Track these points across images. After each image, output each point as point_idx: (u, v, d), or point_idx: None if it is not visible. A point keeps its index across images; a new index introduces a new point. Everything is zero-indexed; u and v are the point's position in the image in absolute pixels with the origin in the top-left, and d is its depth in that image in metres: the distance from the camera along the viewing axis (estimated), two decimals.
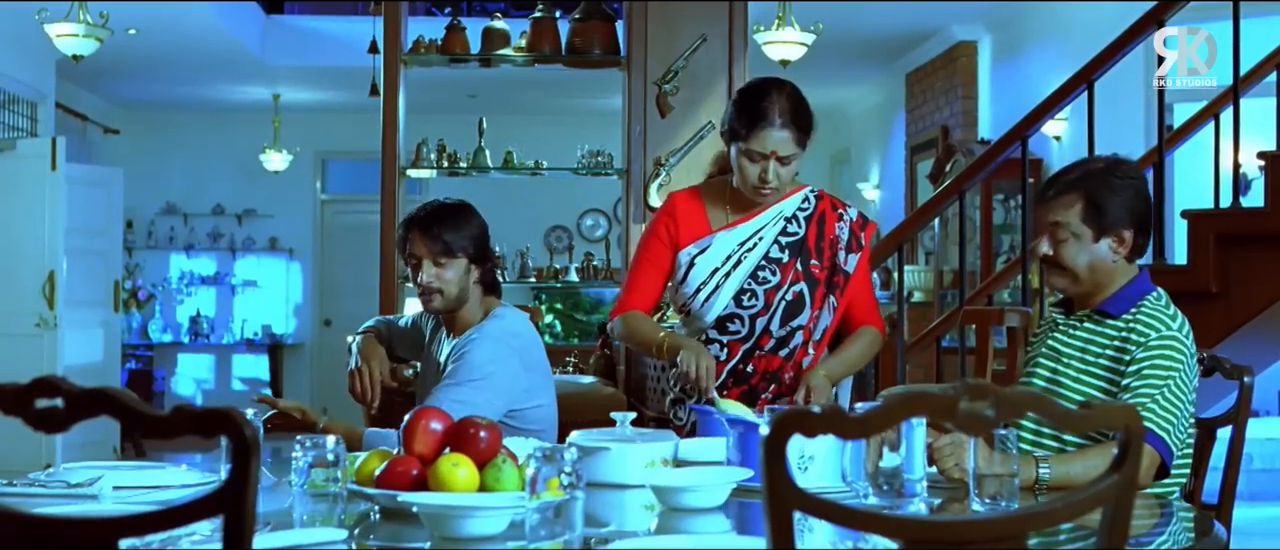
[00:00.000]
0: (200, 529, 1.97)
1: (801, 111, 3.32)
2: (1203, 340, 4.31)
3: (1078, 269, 2.87)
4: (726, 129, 3.37)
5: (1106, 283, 2.88)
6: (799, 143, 3.30)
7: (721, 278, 3.40)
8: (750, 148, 3.29)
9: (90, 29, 7.70)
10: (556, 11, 6.35)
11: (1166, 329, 2.80)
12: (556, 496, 2.06)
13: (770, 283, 3.40)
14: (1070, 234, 2.86)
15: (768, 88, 3.33)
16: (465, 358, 3.34)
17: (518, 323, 3.49)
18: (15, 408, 1.60)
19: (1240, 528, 3.38)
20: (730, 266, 3.40)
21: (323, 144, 13.32)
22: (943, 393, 1.63)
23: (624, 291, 3.56)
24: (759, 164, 3.30)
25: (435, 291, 3.42)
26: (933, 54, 10.84)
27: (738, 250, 3.41)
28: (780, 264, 3.41)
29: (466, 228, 3.44)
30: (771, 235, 3.42)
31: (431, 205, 3.51)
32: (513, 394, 3.35)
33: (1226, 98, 5.09)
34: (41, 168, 9.14)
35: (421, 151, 6.28)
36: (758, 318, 3.40)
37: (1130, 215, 2.84)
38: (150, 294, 13.17)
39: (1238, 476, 3.08)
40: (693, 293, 3.42)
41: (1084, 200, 2.85)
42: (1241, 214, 4.92)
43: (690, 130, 5.99)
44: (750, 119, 3.28)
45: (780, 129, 3.27)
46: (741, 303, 3.40)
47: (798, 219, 3.45)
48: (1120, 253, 2.87)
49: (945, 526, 1.80)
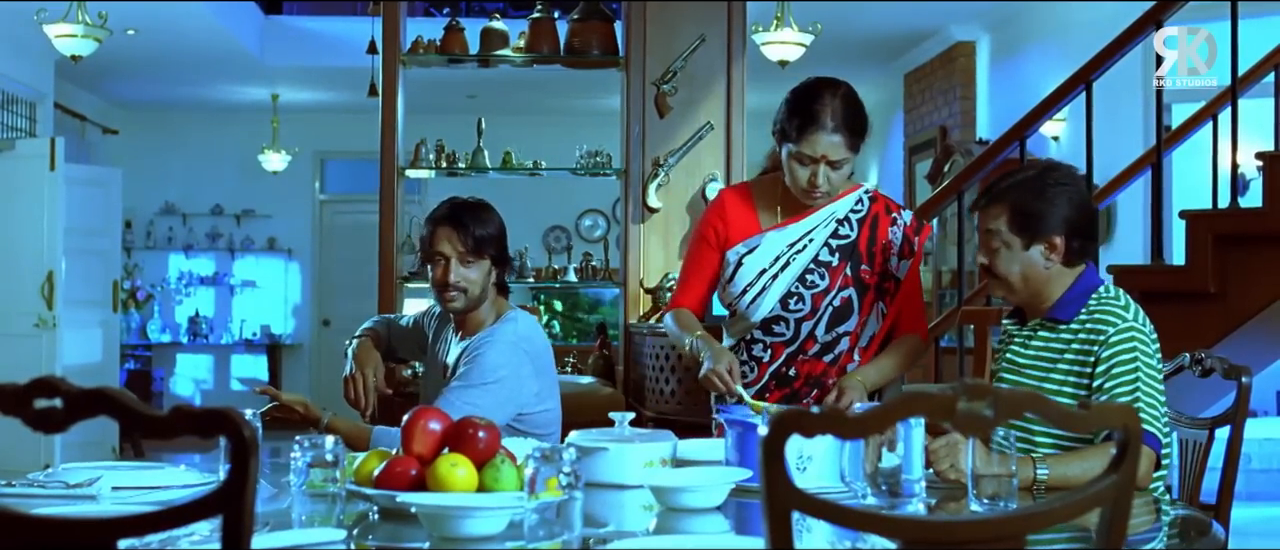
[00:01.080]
0: (199, 529, 1.97)
1: (854, 115, 3.22)
2: (1201, 340, 4.33)
3: (1011, 278, 2.87)
4: (777, 129, 3.27)
5: (1044, 290, 2.87)
6: (851, 147, 3.21)
7: (768, 279, 3.33)
8: (800, 151, 3.20)
9: (89, 29, 7.70)
10: (555, 12, 6.35)
11: (1123, 321, 2.78)
12: (555, 497, 2.06)
13: (818, 287, 3.32)
14: (1001, 243, 2.85)
15: (820, 89, 3.23)
16: (478, 360, 3.32)
17: (530, 327, 3.47)
18: (14, 408, 1.60)
19: (1238, 528, 3.38)
20: (778, 268, 3.33)
21: (321, 144, 13.31)
22: (941, 393, 1.63)
23: (676, 287, 3.53)
24: (809, 168, 3.21)
25: (460, 291, 3.39)
26: (931, 54, 10.85)
27: (787, 252, 3.34)
28: (830, 268, 3.33)
29: (494, 227, 3.42)
30: (822, 237, 3.34)
31: (456, 202, 3.47)
32: (522, 399, 3.34)
33: (1225, 98, 5.09)
34: (40, 168, 9.13)
35: (420, 152, 6.28)
36: (803, 322, 3.33)
37: (1062, 222, 2.82)
38: (149, 294, 13.16)
39: (1236, 476, 3.08)
40: (739, 293, 3.35)
41: (1010, 210, 2.84)
42: (1240, 214, 4.92)
43: (689, 130, 6.00)
44: (801, 121, 3.19)
45: (831, 133, 3.17)
46: (787, 306, 3.33)
47: (850, 221, 3.36)
48: (1053, 259, 2.84)
49: (943, 527, 1.80)
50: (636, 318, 5.94)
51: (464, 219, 3.39)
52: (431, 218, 3.46)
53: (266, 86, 11.95)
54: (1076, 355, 2.82)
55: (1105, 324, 2.79)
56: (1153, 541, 2.34)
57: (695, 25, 5.99)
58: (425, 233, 3.46)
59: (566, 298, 12.99)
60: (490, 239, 3.39)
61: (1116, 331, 2.77)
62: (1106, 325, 2.78)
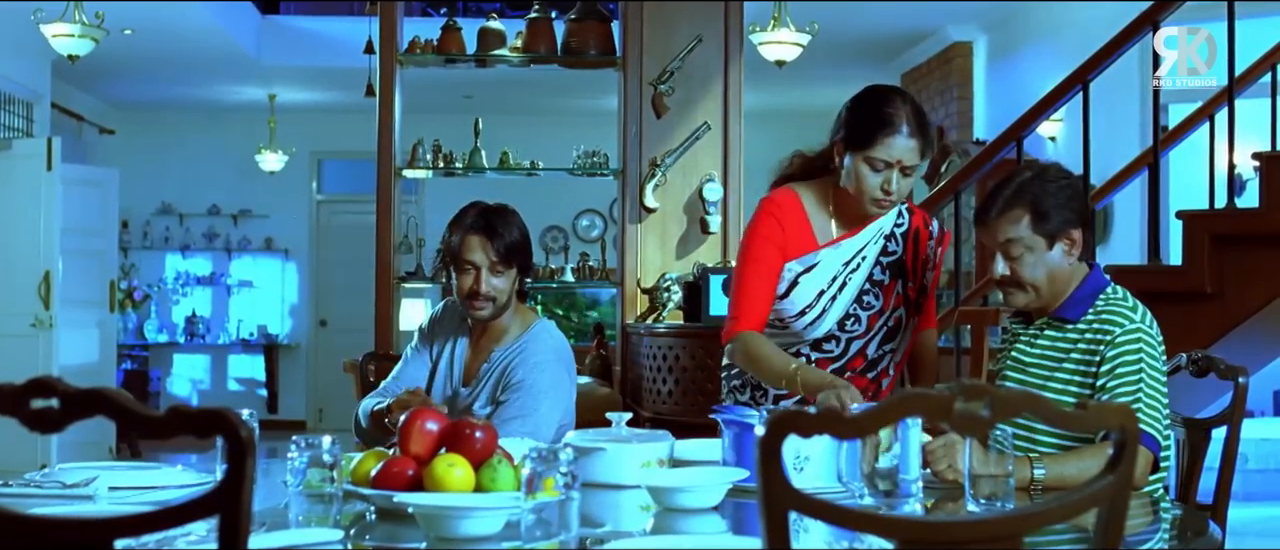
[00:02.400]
0: (196, 529, 1.97)
1: (925, 123, 3.15)
2: (1197, 341, 4.34)
3: (1037, 282, 2.83)
4: (841, 136, 3.14)
5: (1067, 289, 2.86)
6: (922, 153, 3.13)
7: (827, 301, 3.22)
8: (873, 155, 3.07)
9: (86, 29, 7.70)
10: (552, 12, 6.36)
11: (1130, 323, 2.78)
12: (552, 497, 2.06)
13: (874, 307, 3.25)
14: (1024, 248, 2.81)
15: (892, 94, 3.15)
16: (528, 388, 3.26)
17: (560, 337, 3.45)
18: (11, 408, 1.60)
19: (1235, 528, 3.38)
20: (836, 289, 3.22)
21: (318, 144, 13.30)
22: (938, 393, 1.63)
23: (734, 307, 3.26)
24: (882, 174, 3.09)
25: (489, 300, 3.32)
26: (928, 54, 10.85)
27: (842, 271, 3.23)
28: (882, 286, 3.25)
29: (522, 234, 3.35)
30: (873, 255, 3.25)
31: (485, 209, 3.37)
32: (569, 414, 3.34)
33: (1222, 98, 5.09)
34: (37, 168, 9.13)
35: (417, 152, 6.28)
36: (854, 341, 3.25)
37: (1075, 215, 2.82)
38: (146, 294, 13.15)
39: (1232, 477, 3.08)
40: (797, 314, 3.22)
41: (1030, 210, 2.80)
42: (1236, 215, 4.93)
43: (686, 130, 6.00)
44: (876, 126, 3.07)
45: (908, 137, 3.08)
46: (844, 327, 3.24)
47: (896, 237, 3.29)
48: (1073, 254, 2.84)
49: (940, 527, 1.80)
50: (634, 318, 5.94)
51: (496, 227, 3.30)
52: (461, 225, 3.35)
53: (263, 86, 11.94)
54: (1083, 355, 2.82)
55: (1113, 324, 2.79)
56: (1150, 542, 2.34)
57: (692, 25, 6.00)
58: (454, 240, 3.35)
59: (563, 298, 12.99)
60: (519, 247, 3.33)
61: (1124, 332, 2.77)
62: (1114, 326, 2.78)
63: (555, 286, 7.22)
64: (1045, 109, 5.39)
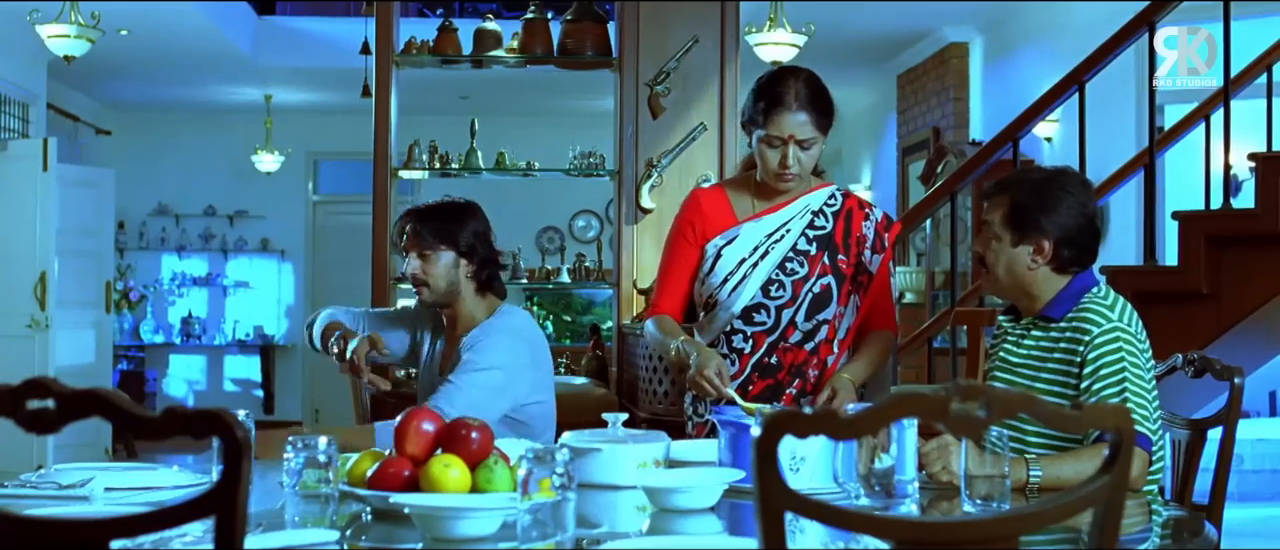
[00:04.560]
0: (192, 530, 1.96)
1: (819, 96, 3.30)
2: (1193, 341, 4.34)
3: (996, 271, 2.90)
4: (745, 119, 3.36)
5: (1031, 290, 2.89)
6: (818, 126, 3.28)
7: (749, 268, 3.37)
8: (769, 133, 3.27)
9: (82, 30, 7.69)
10: (548, 13, 6.35)
11: (1108, 321, 2.79)
12: (548, 498, 2.06)
13: (798, 274, 3.36)
14: (992, 235, 2.89)
15: (784, 74, 3.33)
16: (476, 349, 3.36)
17: (526, 320, 3.54)
18: (7, 409, 1.60)
19: (1231, 529, 3.38)
20: (758, 257, 3.37)
21: (315, 145, 13.30)
22: (934, 394, 1.63)
23: (653, 294, 3.53)
24: (778, 149, 3.27)
25: (422, 284, 3.47)
26: (924, 55, 10.85)
27: (765, 242, 3.38)
28: (808, 256, 3.37)
29: (452, 221, 3.47)
30: (799, 227, 3.39)
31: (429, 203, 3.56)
32: (520, 390, 3.37)
33: (1217, 99, 5.10)
34: (33, 169, 9.12)
35: (413, 152, 6.27)
36: (784, 309, 3.36)
37: (1057, 228, 2.83)
38: (142, 295, 13.15)
39: (1228, 477, 3.08)
40: (720, 283, 3.38)
41: (1009, 205, 2.87)
42: (1232, 215, 4.93)
43: (682, 131, 6.00)
44: (767, 104, 3.26)
45: (797, 112, 3.24)
46: (768, 293, 3.36)
47: (825, 213, 3.42)
48: (1039, 262, 2.85)
49: (937, 527, 1.80)
50: (629, 319, 5.94)
51: (417, 215, 3.50)
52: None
53: (259, 87, 11.93)
54: (1064, 355, 2.82)
55: (1090, 324, 2.79)
56: (1145, 542, 2.35)
57: (688, 26, 5.99)
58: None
59: (560, 299, 12.99)
60: (449, 230, 3.45)
61: (1101, 332, 2.77)
62: (1091, 326, 2.79)
63: (551, 287, 7.21)
64: (1041, 109, 5.39)
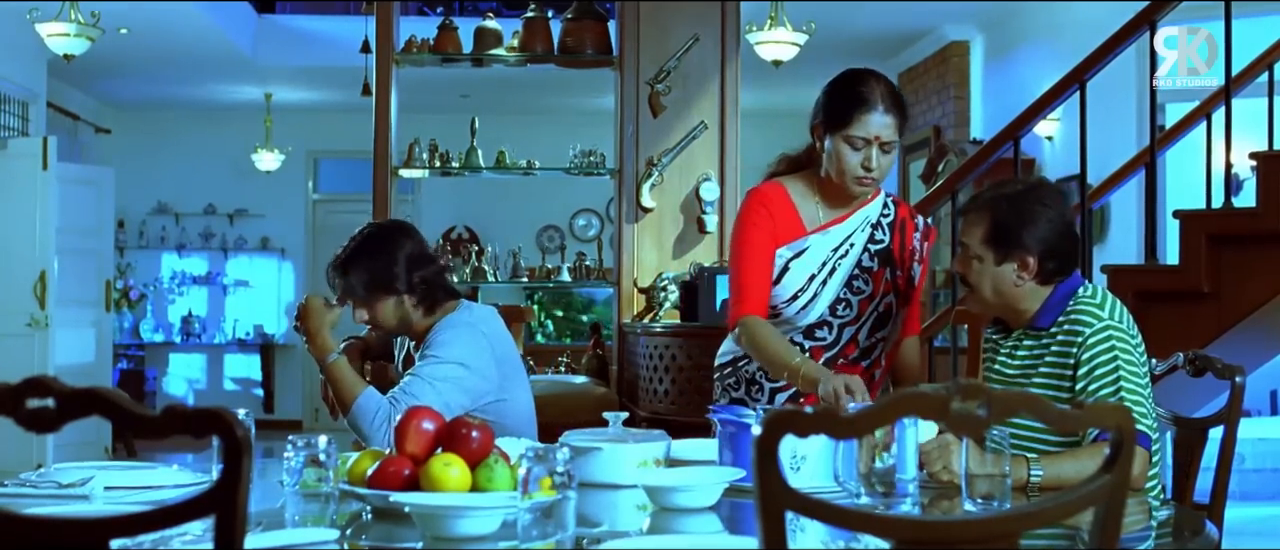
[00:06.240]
0: (192, 529, 1.96)
1: (900, 100, 3.22)
2: (1194, 340, 4.33)
3: (982, 290, 2.88)
4: (820, 120, 3.22)
5: (1019, 305, 2.88)
6: (898, 130, 3.19)
7: (819, 285, 3.26)
8: (851, 134, 3.15)
9: (82, 28, 7.69)
10: (549, 11, 6.36)
11: (1099, 321, 2.78)
12: (548, 496, 2.06)
13: (864, 293, 3.29)
14: (974, 256, 2.87)
15: (865, 75, 3.22)
16: (436, 344, 3.31)
17: (486, 314, 3.47)
18: (6, 408, 1.60)
19: (1232, 528, 3.37)
20: (826, 274, 3.27)
21: (315, 144, 13.30)
22: (935, 393, 1.63)
23: (735, 293, 3.28)
24: (861, 151, 3.16)
25: (371, 329, 3.46)
26: (925, 54, 10.85)
27: (831, 257, 3.27)
28: (872, 273, 3.30)
29: (379, 263, 3.37)
30: (861, 242, 3.30)
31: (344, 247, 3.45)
32: (484, 386, 3.31)
33: (1218, 98, 5.09)
34: (33, 167, 9.12)
35: (413, 151, 6.27)
36: (847, 327, 3.28)
37: (1038, 243, 2.82)
38: (142, 294, 13.14)
39: (1229, 476, 3.08)
40: (789, 299, 3.25)
41: (989, 223, 2.85)
42: (1233, 214, 4.92)
43: (683, 130, 6.00)
44: (851, 104, 3.15)
45: (884, 113, 3.15)
46: (835, 312, 3.27)
47: (882, 226, 3.34)
48: (1025, 278, 2.85)
49: (937, 526, 1.80)
50: (630, 317, 5.94)
51: (347, 262, 3.40)
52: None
53: (259, 86, 11.93)
54: (1055, 358, 2.82)
55: (1082, 326, 2.79)
56: (1145, 542, 2.34)
57: (689, 25, 6.00)
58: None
59: (560, 298, 12.99)
60: (379, 278, 3.36)
61: (1093, 332, 2.77)
62: (1083, 326, 2.78)
63: (551, 286, 7.22)
64: (1042, 108, 5.38)
